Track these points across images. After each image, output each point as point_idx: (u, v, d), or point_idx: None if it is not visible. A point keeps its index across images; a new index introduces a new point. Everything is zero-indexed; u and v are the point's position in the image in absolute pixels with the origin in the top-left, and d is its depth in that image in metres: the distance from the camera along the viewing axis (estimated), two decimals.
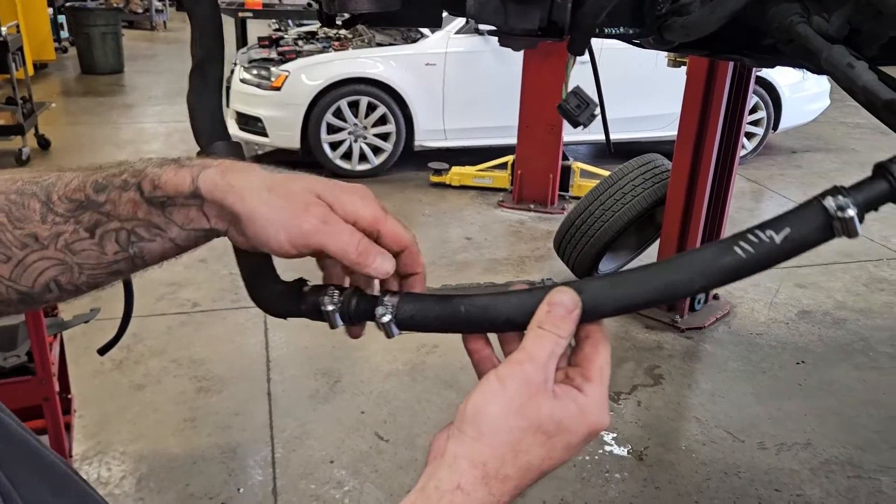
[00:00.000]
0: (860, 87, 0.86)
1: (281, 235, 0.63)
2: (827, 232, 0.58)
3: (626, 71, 6.47)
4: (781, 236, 0.57)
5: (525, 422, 0.57)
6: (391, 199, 5.92)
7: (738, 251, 0.58)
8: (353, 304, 0.66)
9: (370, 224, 0.65)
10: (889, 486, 2.79)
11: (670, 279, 0.59)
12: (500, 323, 0.62)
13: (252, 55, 6.51)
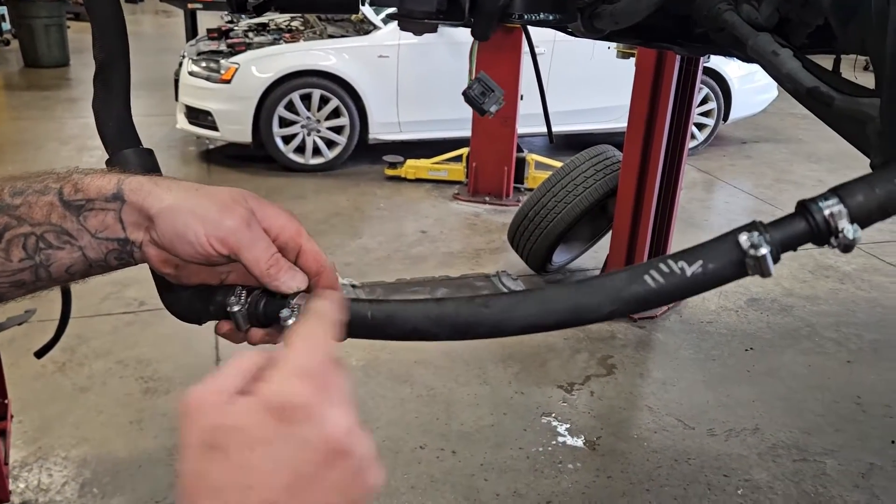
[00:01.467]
0: (785, 75, 0.86)
1: (199, 229, 0.61)
2: (739, 269, 0.57)
3: (580, 64, 6.52)
4: (692, 269, 0.56)
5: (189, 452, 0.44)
6: (346, 192, 5.86)
7: (648, 280, 0.57)
8: (261, 306, 0.65)
9: (292, 237, 0.65)
10: (833, 468, 2.85)
11: (580, 302, 0.58)
12: (407, 330, 0.61)
13: (201, 47, 6.37)
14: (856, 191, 0.54)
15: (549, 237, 4.04)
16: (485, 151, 5.66)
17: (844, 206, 0.55)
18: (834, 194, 0.55)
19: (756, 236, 0.56)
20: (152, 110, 8.03)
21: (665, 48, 1.13)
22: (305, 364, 0.47)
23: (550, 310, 0.57)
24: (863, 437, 3.05)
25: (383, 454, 2.82)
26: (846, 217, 0.55)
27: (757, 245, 0.55)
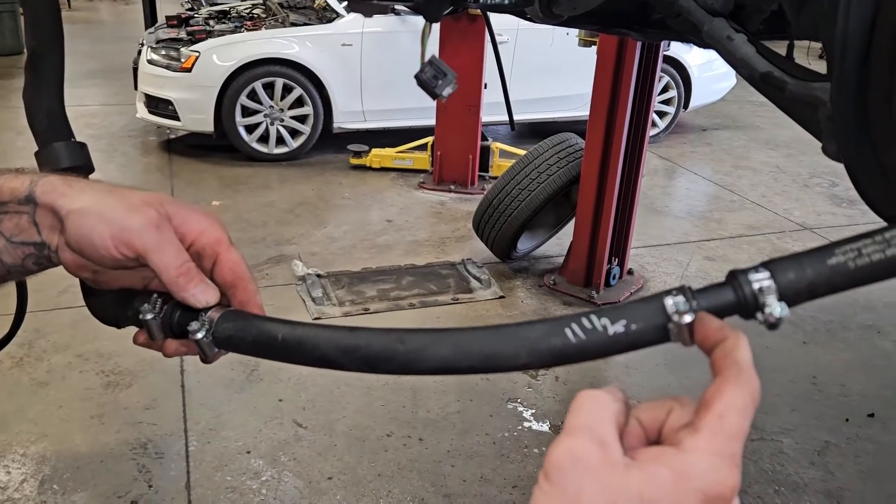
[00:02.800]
0: (739, 60, 0.87)
1: (105, 231, 0.59)
2: (662, 333, 0.55)
3: (543, 52, 6.53)
4: (614, 329, 0.54)
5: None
6: (311, 182, 5.82)
7: (568, 334, 0.55)
8: (176, 316, 0.63)
9: (210, 244, 0.63)
10: (790, 446, 2.93)
11: (496, 350, 0.56)
12: (315, 357, 0.59)
13: (160, 35, 6.25)
14: (787, 268, 0.54)
15: (513, 225, 4.06)
16: (449, 140, 5.66)
17: (774, 282, 0.53)
18: (766, 268, 0.54)
19: (682, 303, 0.54)
20: (111, 99, 7.86)
21: (623, 34, 1.14)
22: (732, 448, 0.46)
23: (465, 354, 0.56)
24: (818, 415, 3.14)
25: (350, 443, 2.83)
26: (774, 294, 0.53)
27: (682, 312, 0.53)
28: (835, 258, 0.53)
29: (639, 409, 0.51)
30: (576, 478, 0.43)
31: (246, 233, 4.76)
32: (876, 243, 0.53)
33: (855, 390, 3.33)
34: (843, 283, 0.54)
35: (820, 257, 0.54)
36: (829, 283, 0.54)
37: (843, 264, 0.53)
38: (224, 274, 0.63)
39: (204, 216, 0.64)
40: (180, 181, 5.72)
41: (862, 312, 4.08)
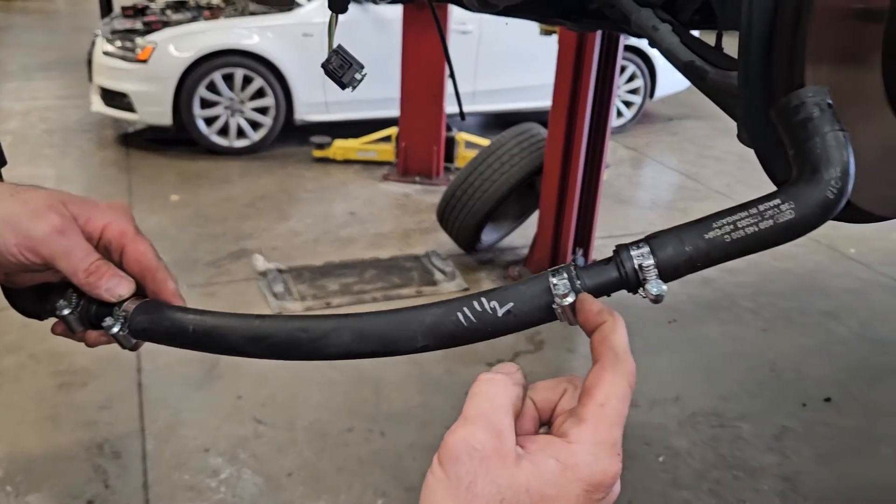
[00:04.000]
0: (664, 49, 0.86)
1: (10, 239, 0.59)
2: (548, 314, 0.56)
3: (510, 42, 6.51)
4: (504, 310, 0.55)
5: (480, 502, 0.46)
6: (273, 175, 5.75)
7: (460, 318, 0.56)
8: (93, 309, 0.63)
9: (115, 237, 0.63)
10: (748, 431, 2.96)
11: (393, 335, 0.57)
12: (225, 346, 0.60)
13: (115, 26, 6.12)
14: (666, 243, 0.54)
15: (476, 216, 4.05)
16: (414, 131, 5.62)
17: (654, 258, 0.54)
18: (646, 243, 0.55)
19: (566, 283, 0.54)
20: (66, 92, 7.69)
21: (559, 24, 1.13)
22: (617, 438, 0.48)
23: (365, 340, 0.57)
24: (776, 401, 3.18)
25: (310, 438, 2.81)
26: (654, 270, 0.54)
27: (563, 294, 0.54)
28: (712, 232, 0.54)
29: (534, 390, 0.53)
30: (470, 468, 0.45)
31: (205, 228, 4.68)
32: (750, 216, 0.54)
33: (812, 375, 3.39)
34: (721, 256, 0.55)
35: (698, 232, 0.54)
36: (706, 257, 0.55)
37: (720, 238, 0.54)
38: (131, 265, 0.64)
39: (109, 209, 0.64)
40: (138, 176, 5.61)
41: (820, 299, 4.15)
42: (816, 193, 0.55)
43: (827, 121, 0.57)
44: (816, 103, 0.57)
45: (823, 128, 0.56)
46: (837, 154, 0.56)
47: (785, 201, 0.55)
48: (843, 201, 0.56)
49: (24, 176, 4.89)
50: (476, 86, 6.59)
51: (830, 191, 0.55)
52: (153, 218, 4.81)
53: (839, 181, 0.55)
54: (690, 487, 2.67)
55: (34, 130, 6.49)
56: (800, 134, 0.57)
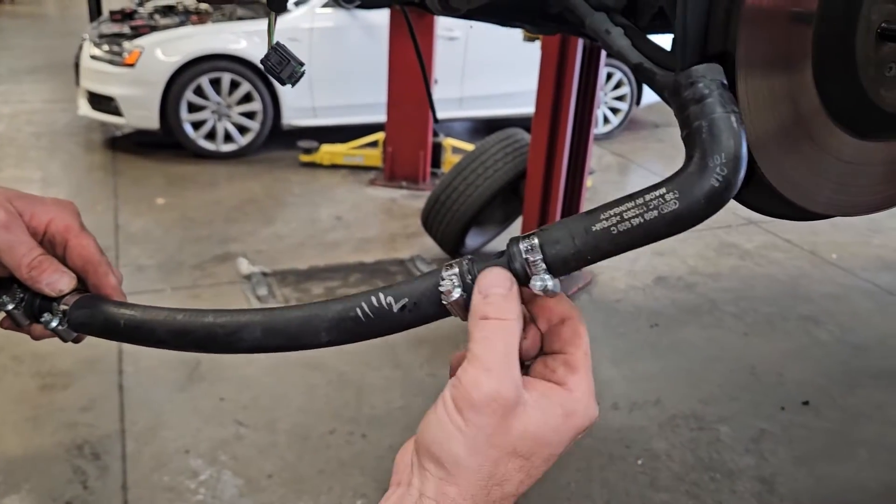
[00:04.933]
0: (615, 52, 0.88)
1: None
2: (441, 309, 0.55)
3: (495, 49, 6.55)
4: (399, 305, 0.55)
5: (496, 452, 0.49)
6: (259, 179, 5.76)
7: (359, 313, 0.56)
8: (37, 304, 0.65)
9: (59, 232, 0.65)
10: (727, 434, 2.99)
11: (299, 331, 0.58)
12: (154, 340, 0.62)
13: (103, 30, 6.12)
14: (555, 237, 0.53)
15: (460, 220, 4.07)
16: (401, 136, 5.65)
17: (542, 252, 0.53)
18: (536, 237, 0.53)
19: (455, 278, 0.54)
20: (54, 96, 7.67)
21: (519, 27, 1.15)
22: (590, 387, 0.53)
23: (274, 334, 0.58)
24: (755, 404, 3.21)
25: (292, 441, 2.81)
26: (541, 264, 0.53)
27: (449, 290, 0.54)
28: (599, 224, 0.53)
29: None
30: (491, 419, 0.48)
31: (191, 231, 4.68)
32: (636, 207, 0.52)
33: (791, 379, 3.42)
34: (610, 248, 0.53)
35: (586, 224, 0.53)
36: (595, 249, 0.53)
37: (607, 230, 0.52)
38: (74, 259, 0.65)
39: (55, 205, 0.65)
40: (124, 179, 5.61)
41: (801, 304, 4.19)
42: (701, 182, 0.51)
43: (718, 102, 0.54)
44: (709, 82, 0.54)
45: (714, 110, 0.53)
46: (727, 139, 0.52)
47: (670, 191, 0.52)
48: (731, 190, 0.53)
49: (9, 179, 4.86)
50: (463, 91, 6.63)
51: (716, 179, 0.52)
52: (139, 221, 4.81)
53: (725, 168, 0.52)
54: (669, 489, 2.69)
55: (21, 134, 6.48)
56: (689, 115, 0.54)
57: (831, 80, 0.72)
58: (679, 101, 0.55)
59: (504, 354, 0.50)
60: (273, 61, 0.69)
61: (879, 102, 0.73)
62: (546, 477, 2.12)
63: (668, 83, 0.80)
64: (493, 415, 0.48)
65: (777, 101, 0.70)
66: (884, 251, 4.98)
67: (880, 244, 5.10)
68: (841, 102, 0.74)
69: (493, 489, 0.49)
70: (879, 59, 0.71)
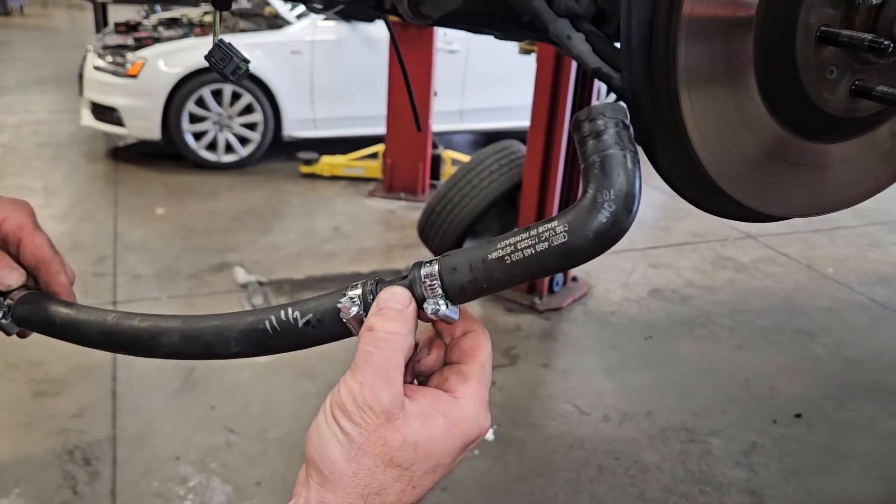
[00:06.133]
0: (576, 56, 0.90)
1: None
2: (342, 327, 0.56)
3: (495, 62, 6.59)
4: (304, 321, 0.56)
5: (370, 461, 0.48)
6: (259, 190, 5.79)
7: (267, 326, 0.57)
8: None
9: (14, 231, 0.67)
10: (718, 447, 2.98)
11: (211, 340, 0.59)
12: (85, 339, 0.64)
13: (107, 41, 6.19)
14: (454, 264, 0.54)
15: (456, 231, 4.08)
16: (400, 148, 5.68)
17: (440, 279, 0.54)
18: (437, 262, 0.55)
19: (357, 300, 0.55)
20: (59, 106, 7.75)
21: (488, 34, 1.17)
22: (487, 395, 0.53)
23: (190, 342, 0.59)
24: (747, 417, 3.20)
25: (281, 449, 2.82)
26: (439, 290, 0.54)
27: (347, 307, 0.55)
28: (495, 253, 0.53)
29: None
30: (363, 428, 0.48)
31: (189, 240, 4.71)
32: (530, 238, 0.53)
33: (784, 392, 3.41)
34: (504, 278, 0.54)
35: (483, 253, 0.54)
36: (490, 279, 0.53)
37: (502, 259, 0.53)
38: (26, 257, 0.67)
39: (10, 205, 0.67)
40: (125, 188, 5.65)
41: (797, 317, 4.18)
42: (590, 218, 0.52)
43: (615, 139, 0.54)
44: (608, 120, 0.55)
45: (608, 146, 0.54)
46: (617, 176, 0.53)
47: (560, 224, 0.52)
48: (620, 227, 0.53)
49: (11, 187, 4.89)
50: (464, 104, 6.67)
51: (604, 215, 0.52)
52: (138, 230, 4.85)
53: (613, 205, 0.52)
54: (657, 501, 2.68)
55: (25, 144, 6.54)
56: (586, 150, 0.55)
57: (774, 84, 0.74)
58: (579, 135, 0.56)
59: (383, 367, 0.50)
60: (216, 57, 0.71)
61: (822, 105, 0.75)
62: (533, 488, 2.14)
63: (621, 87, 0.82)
64: (367, 424, 0.48)
65: (722, 106, 0.72)
66: (881, 266, 4.98)
67: (877, 258, 5.10)
68: (785, 106, 0.75)
69: (370, 497, 0.49)
70: (820, 63, 0.72)
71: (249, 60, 0.69)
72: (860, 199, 0.87)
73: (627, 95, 0.73)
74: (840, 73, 0.74)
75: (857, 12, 0.70)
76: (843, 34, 0.69)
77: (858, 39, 0.67)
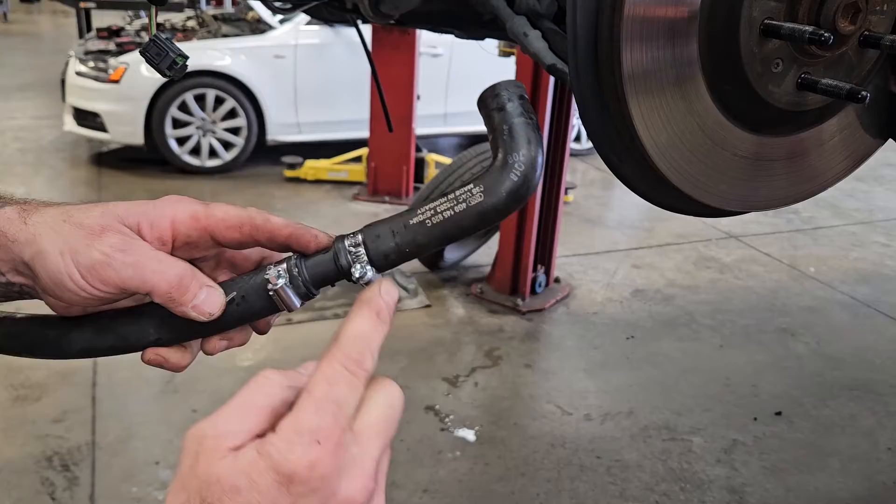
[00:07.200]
0: (532, 53, 0.91)
1: (73, 271, 0.53)
2: (269, 303, 0.57)
3: (478, 65, 6.59)
4: (227, 299, 0.57)
5: (184, 495, 0.43)
6: (243, 194, 5.78)
7: None
8: None
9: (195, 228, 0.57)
10: (699, 445, 3.00)
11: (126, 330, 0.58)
12: None
13: (89, 46, 6.16)
14: (377, 232, 0.57)
15: None
16: (383, 151, 5.68)
17: (365, 248, 0.57)
18: (361, 233, 0.57)
19: (283, 272, 0.56)
20: (42, 112, 7.71)
21: (448, 33, 1.18)
22: (321, 424, 0.43)
23: (104, 335, 0.58)
24: (728, 415, 3.22)
25: None
26: (364, 258, 0.56)
27: (276, 277, 0.56)
28: (416, 218, 0.57)
29: None
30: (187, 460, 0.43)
31: None
32: (448, 201, 0.57)
33: (765, 390, 3.43)
34: (426, 241, 0.57)
35: (405, 219, 0.57)
36: (413, 243, 0.57)
37: (423, 223, 0.57)
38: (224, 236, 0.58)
39: (167, 204, 0.58)
40: (108, 194, 5.62)
41: (778, 316, 4.21)
42: (502, 178, 0.56)
43: (517, 110, 0.59)
44: (509, 95, 0.60)
45: (513, 117, 0.59)
46: (524, 140, 0.58)
47: (476, 186, 0.56)
48: (529, 185, 0.57)
49: None
50: (447, 107, 6.68)
51: (515, 174, 0.57)
52: None
53: (522, 165, 0.57)
54: (638, 500, 2.69)
55: (7, 149, 6.50)
56: (494, 122, 0.59)
57: (721, 78, 0.75)
58: (485, 110, 0.61)
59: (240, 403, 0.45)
60: (152, 53, 0.71)
61: (769, 98, 0.76)
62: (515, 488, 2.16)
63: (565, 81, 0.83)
64: (189, 455, 0.43)
65: (670, 102, 0.73)
66: (862, 265, 5.02)
67: (859, 257, 5.14)
68: (732, 100, 0.76)
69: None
70: (765, 56, 0.73)
71: (188, 56, 0.69)
72: (812, 194, 0.88)
73: (574, 89, 0.74)
74: (786, 66, 0.75)
75: (800, 4, 0.71)
76: (786, 26, 0.70)
77: (800, 31, 0.68)
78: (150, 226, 0.56)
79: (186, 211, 0.57)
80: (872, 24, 0.74)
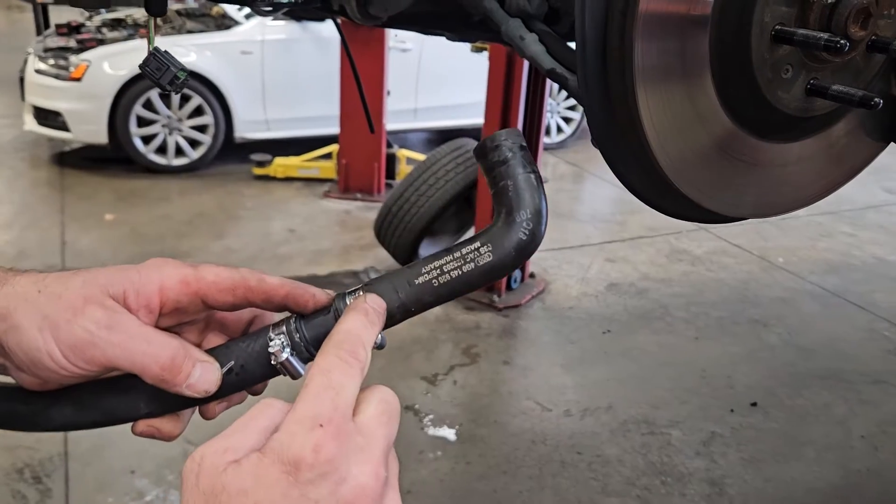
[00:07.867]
0: (529, 57, 0.89)
1: (53, 348, 0.50)
2: (272, 370, 0.56)
3: (448, 60, 6.58)
4: (226, 369, 0.55)
5: None
6: (211, 193, 5.68)
7: None
8: None
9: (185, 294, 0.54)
10: (678, 438, 3.02)
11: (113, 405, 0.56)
12: None
13: (48, 43, 5.99)
14: (381, 291, 0.56)
15: (413, 231, 4.06)
16: (354, 148, 5.63)
17: None
18: (363, 292, 0.57)
19: (286, 342, 0.55)
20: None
21: (439, 34, 1.15)
22: (320, 410, 0.42)
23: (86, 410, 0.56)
24: (705, 407, 3.25)
25: None
26: None
27: (279, 350, 0.55)
28: (421, 277, 0.57)
29: None
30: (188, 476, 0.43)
31: (141, 247, 4.59)
32: (455, 260, 0.57)
33: (741, 381, 3.48)
34: (432, 299, 0.57)
35: (409, 278, 0.57)
36: (419, 302, 0.57)
37: (429, 283, 0.57)
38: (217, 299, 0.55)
39: (152, 268, 0.54)
40: (72, 195, 5.48)
41: (751, 308, 4.27)
42: (511, 236, 0.57)
43: (519, 164, 0.58)
44: (510, 146, 0.59)
45: (516, 171, 0.58)
46: (529, 197, 0.57)
47: (484, 244, 0.57)
48: (536, 241, 0.58)
49: None
50: (417, 103, 6.64)
51: (523, 232, 0.57)
52: (86, 238, 4.71)
53: (530, 223, 0.57)
54: (619, 494, 2.70)
55: None
56: (496, 176, 0.59)
57: (730, 83, 0.73)
58: (486, 162, 0.60)
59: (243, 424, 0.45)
60: (152, 67, 0.68)
61: (778, 104, 0.75)
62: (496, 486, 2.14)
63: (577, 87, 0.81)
64: (191, 471, 0.43)
65: (679, 106, 0.71)
66: (830, 254, 5.11)
67: (826, 248, 5.23)
68: (740, 105, 0.75)
69: None
70: (775, 62, 0.72)
71: (188, 70, 0.66)
72: (815, 199, 0.87)
73: (583, 96, 0.72)
74: (795, 71, 0.74)
75: (811, 10, 0.70)
76: (799, 33, 0.68)
77: (814, 38, 0.67)
78: (137, 294, 0.53)
79: (175, 276, 0.54)
80: (880, 29, 0.73)
